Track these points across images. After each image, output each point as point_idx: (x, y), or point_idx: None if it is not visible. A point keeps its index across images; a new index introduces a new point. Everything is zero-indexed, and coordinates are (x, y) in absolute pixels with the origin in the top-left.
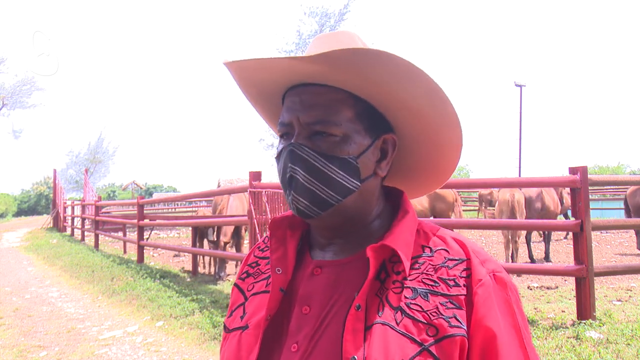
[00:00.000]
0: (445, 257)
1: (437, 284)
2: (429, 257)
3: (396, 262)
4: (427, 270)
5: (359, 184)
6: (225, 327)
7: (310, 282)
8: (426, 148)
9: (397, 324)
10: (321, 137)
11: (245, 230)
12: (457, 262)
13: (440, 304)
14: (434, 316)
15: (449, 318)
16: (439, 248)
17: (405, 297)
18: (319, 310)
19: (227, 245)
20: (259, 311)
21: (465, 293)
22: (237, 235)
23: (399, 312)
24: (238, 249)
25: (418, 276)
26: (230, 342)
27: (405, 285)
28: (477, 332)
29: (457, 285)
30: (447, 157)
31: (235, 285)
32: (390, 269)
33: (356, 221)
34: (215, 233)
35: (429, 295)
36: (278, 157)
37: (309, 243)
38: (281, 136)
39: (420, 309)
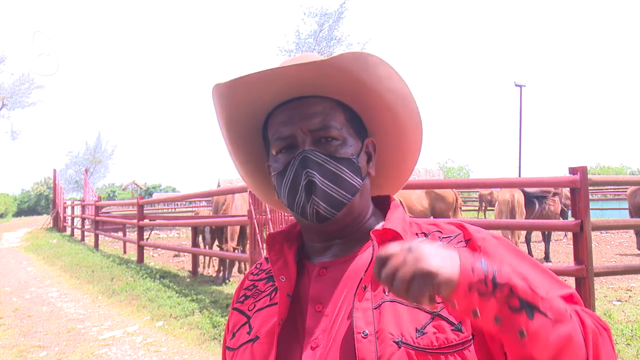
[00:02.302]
0: (439, 237)
1: None
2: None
3: None
4: None
5: (362, 182)
6: (228, 348)
7: (319, 283)
8: (392, 150)
9: None
10: (326, 142)
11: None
12: (451, 237)
13: None
14: None
15: None
16: (433, 231)
17: None
18: (332, 306)
19: (237, 251)
20: (267, 322)
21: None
22: (242, 236)
23: None
24: (243, 250)
25: None
26: (240, 356)
27: None
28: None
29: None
30: (409, 158)
31: (235, 309)
32: None
33: (358, 219)
34: (221, 235)
35: None
36: (284, 170)
37: (306, 254)
38: (280, 151)
39: None
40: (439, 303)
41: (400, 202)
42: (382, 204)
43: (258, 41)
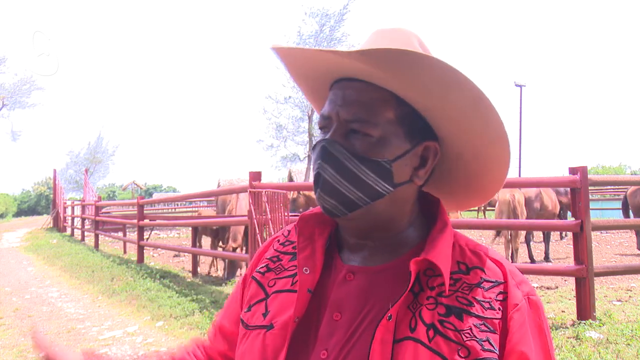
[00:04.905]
0: (481, 278)
1: (471, 305)
2: (464, 274)
3: (431, 275)
4: (462, 289)
5: (392, 188)
6: (242, 322)
7: (342, 288)
8: (470, 162)
9: (429, 341)
10: (357, 136)
11: None
12: (493, 284)
13: (474, 325)
14: (467, 337)
15: (482, 341)
16: (475, 267)
17: (439, 314)
18: (351, 318)
19: (237, 250)
20: (284, 311)
21: (500, 317)
22: (247, 237)
23: (432, 330)
24: (247, 251)
25: (452, 294)
26: (253, 341)
27: (439, 302)
28: (510, 356)
29: (492, 308)
30: (491, 174)
31: (254, 278)
32: (424, 282)
33: (388, 227)
34: (226, 235)
35: (462, 314)
36: (313, 151)
37: (338, 243)
38: (321, 128)
39: (453, 328)
40: (462, 358)
41: None
42: (430, 211)
43: (258, 41)
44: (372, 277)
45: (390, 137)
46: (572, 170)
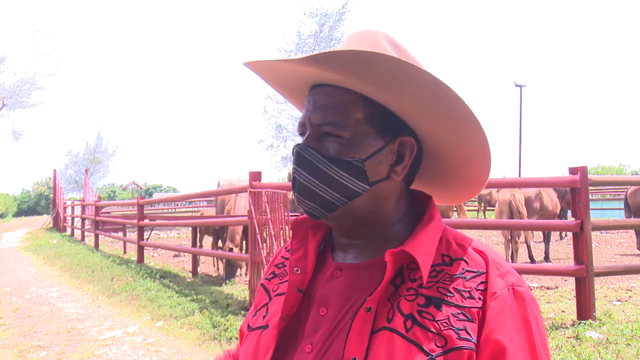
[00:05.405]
0: (463, 268)
1: (451, 294)
2: (447, 266)
3: (414, 268)
4: (443, 280)
5: (367, 187)
6: (248, 326)
7: (329, 284)
8: (449, 154)
9: (407, 332)
10: (330, 139)
11: None
12: (474, 274)
13: (452, 314)
14: (444, 326)
15: (459, 330)
16: (459, 258)
17: (418, 305)
18: (335, 312)
19: (235, 250)
20: (279, 311)
21: (479, 306)
22: (246, 237)
23: (410, 320)
24: (247, 251)
25: (433, 285)
26: (250, 340)
27: (419, 293)
28: (486, 346)
29: (471, 297)
30: (473, 164)
31: (262, 285)
32: (407, 275)
33: (373, 224)
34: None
35: (442, 304)
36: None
37: (331, 244)
38: (300, 134)
39: (431, 318)
40: (439, 348)
41: None
42: (422, 208)
43: (258, 41)
44: (359, 273)
45: (361, 137)
46: (572, 170)
